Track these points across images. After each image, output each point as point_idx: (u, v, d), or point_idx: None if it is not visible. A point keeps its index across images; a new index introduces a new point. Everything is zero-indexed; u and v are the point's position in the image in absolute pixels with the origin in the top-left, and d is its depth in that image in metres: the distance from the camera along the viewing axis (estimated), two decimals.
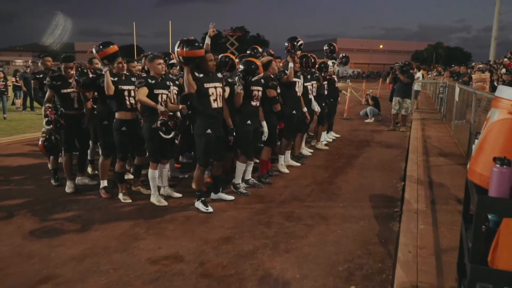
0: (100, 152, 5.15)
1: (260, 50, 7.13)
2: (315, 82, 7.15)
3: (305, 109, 6.42)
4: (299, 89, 6.18)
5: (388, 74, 11.43)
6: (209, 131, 4.41)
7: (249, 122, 4.97)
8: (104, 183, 5.01)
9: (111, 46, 4.54)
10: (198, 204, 4.54)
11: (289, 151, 6.63)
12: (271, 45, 78.03)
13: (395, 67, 10.76)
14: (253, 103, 5.02)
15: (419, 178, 5.72)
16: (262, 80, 5.25)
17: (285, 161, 6.51)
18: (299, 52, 6.07)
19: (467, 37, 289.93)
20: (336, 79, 8.72)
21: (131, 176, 5.48)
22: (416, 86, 14.07)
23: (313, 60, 6.78)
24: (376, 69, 72.74)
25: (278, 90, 5.58)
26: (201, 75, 4.39)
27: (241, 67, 4.84)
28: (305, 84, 6.58)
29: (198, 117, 4.48)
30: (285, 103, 5.90)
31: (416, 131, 10.13)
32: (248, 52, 7.00)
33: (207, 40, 5.00)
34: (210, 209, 4.47)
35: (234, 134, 4.78)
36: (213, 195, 4.87)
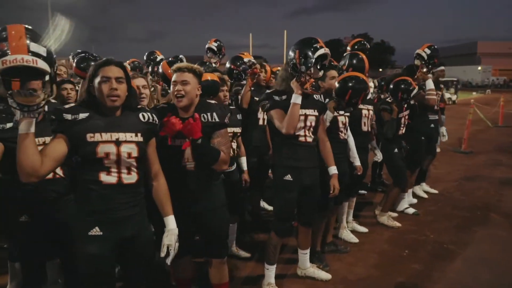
0: None
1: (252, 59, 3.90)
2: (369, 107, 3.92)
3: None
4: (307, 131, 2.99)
5: None
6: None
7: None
8: None
9: None
10: None
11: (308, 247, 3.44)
12: (397, 52, 70.23)
13: None
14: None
15: None
16: (208, 115, 2.29)
17: (301, 268, 3.39)
18: (321, 73, 2.88)
19: None
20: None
21: None
22: None
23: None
24: None
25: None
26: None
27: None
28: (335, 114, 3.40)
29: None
30: (276, 155, 2.91)
31: None
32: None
33: None
34: None
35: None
36: None
